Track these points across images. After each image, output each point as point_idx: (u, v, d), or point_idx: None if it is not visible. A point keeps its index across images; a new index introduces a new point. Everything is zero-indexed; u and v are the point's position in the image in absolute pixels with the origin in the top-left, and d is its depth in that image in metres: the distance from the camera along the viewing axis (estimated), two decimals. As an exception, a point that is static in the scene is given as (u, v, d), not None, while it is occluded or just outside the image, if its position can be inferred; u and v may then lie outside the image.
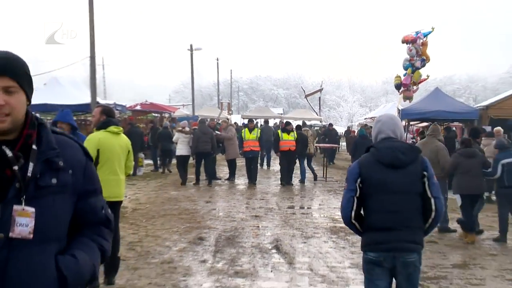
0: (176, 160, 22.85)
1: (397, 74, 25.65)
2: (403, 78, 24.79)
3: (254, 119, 25.54)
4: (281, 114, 64.76)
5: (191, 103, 55.30)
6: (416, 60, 24.24)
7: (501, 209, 12.07)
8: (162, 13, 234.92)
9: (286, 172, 21.83)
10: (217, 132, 24.59)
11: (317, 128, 46.99)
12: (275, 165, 26.57)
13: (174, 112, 42.17)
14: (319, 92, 66.98)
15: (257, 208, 16.15)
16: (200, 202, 17.18)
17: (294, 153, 21.70)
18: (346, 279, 8.79)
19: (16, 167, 2.48)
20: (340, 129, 58.45)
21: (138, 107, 37.18)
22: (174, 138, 22.46)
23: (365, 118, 49.91)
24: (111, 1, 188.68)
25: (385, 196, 5.10)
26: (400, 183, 5.10)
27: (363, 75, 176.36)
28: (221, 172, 24.45)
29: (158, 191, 19.70)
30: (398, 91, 26.11)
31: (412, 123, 25.70)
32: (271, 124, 38.81)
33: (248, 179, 22.29)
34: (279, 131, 22.36)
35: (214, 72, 77.04)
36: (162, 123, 31.07)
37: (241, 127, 36.09)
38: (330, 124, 41.13)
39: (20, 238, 2.45)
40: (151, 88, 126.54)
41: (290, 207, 16.47)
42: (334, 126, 43.66)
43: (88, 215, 2.77)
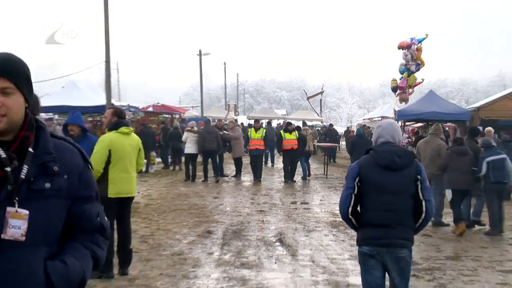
0: (185, 158, 22.88)
1: (393, 77, 25.67)
2: (399, 81, 24.80)
3: (260, 120, 25.49)
4: (285, 115, 64.89)
5: (200, 104, 55.38)
6: (412, 65, 24.27)
7: (490, 204, 12.10)
8: (173, 20, 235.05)
9: (289, 169, 21.85)
10: (224, 131, 24.63)
11: (318, 128, 46.89)
12: (279, 163, 26.55)
13: (184, 113, 42.20)
14: (320, 94, 66.82)
15: (262, 203, 16.15)
16: (208, 197, 17.19)
17: (296, 152, 21.69)
18: (345, 270, 8.78)
19: (8, 169, 2.37)
20: (340, 129, 58.23)
21: (150, 109, 37.12)
22: (183, 137, 22.44)
23: (363, 119, 49.82)
24: (125, 9, 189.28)
25: (381, 195, 5.22)
26: (395, 184, 5.23)
27: (361, 78, 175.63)
28: (228, 170, 24.44)
29: (169, 188, 19.72)
30: (395, 94, 26.13)
31: (407, 123, 25.67)
32: (274, 125, 38.92)
33: (253, 175, 22.31)
34: (282, 131, 22.38)
35: (221, 75, 77.37)
36: (172, 124, 31.05)
37: (247, 127, 36.12)
38: (331, 125, 41.27)
39: (12, 240, 2.34)
40: (163, 90, 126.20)
41: (293, 202, 16.47)
42: (334, 127, 43.67)
43: (82, 221, 2.62)
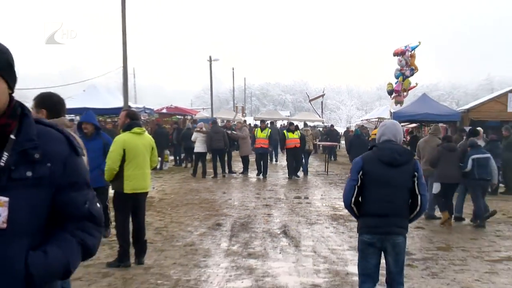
0: (194, 156, 22.95)
1: (389, 81, 25.70)
2: (394, 85, 24.86)
3: (265, 121, 25.46)
4: (288, 116, 64.88)
5: (210, 106, 55.28)
6: (406, 70, 24.30)
7: (475, 198, 12.20)
8: (186, 29, 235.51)
9: (293, 167, 21.82)
10: (233, 132, 24.69)
11: (319, 129, 46.88)
12: (283, 161, 26.53)
13: (195, 115, 42.20)
14: (322, 97, 66.84)
15: (267, 198, 16.13)
16: (217, 193, 17.18)
17: (299, 150, 21.69)
18: (345, 260, 8.76)
19: None
20: (340, 130, 58.15)
21: (164, 110, 37.11)
22: (193, 137, 22.42)
23: (361, 120, 49.67)
24: (141, 18, 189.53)
25: (381, 188, 5.39)
26: (395, 179, 5.40)
27: (359, 82, 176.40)
28: (236, 167, 24.42)
29: (181, 183, 19.72)
30: (390, 97, 26.17)
31: (402, 124, 25.55)
32: (278, 126, 39.06)
33: (257, 171, 22.29)
34: (285, 131, 22.38)
35: (230, 79, 77.13)
36: (185, 124, 31.09)
37: (253, 127, 36.14)
38: (332, 125, 41.82)
39: None
40: (176, 93, 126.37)
41: (296, 197, 16.43)
42: (335, 127, 43.85)
43: (69, 208, 2.38)
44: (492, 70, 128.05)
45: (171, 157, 27.66)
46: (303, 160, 23.05)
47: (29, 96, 5.13)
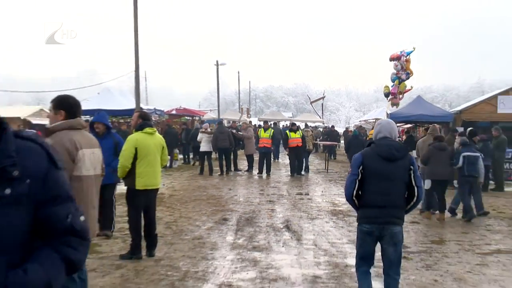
0: (200, 155, 22.95)
1: (386, 84, 25.63)
2: (391, 88, 24.81)
3: (268, 121, 25.46)
4: (291, 117, 64.75)
5: (217, 108, 55.28)
6: (402, 74, 24.26)
7: (462, 194, 12.34)
8: (194, 35, 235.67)
9: (295, 165, 21.80)
10: (238, 132, 24.74)
11: (320, 129, 46.89)
12: (286, 159, 26.53)
13: (203, 116, 42.16)
14: (322, 99, 66.59)
15: (271, 194, 16.13)
16: (224, 189, 17.19)
17: (301, 149, 21.69)
18: (344, 253, 8.76)
19: None
20: (339, 130, 57.99)
21: (174, 112, 37.11)
22: (198, 137, 22.43)
23: (359, 121, 49.56)
24: (152, 24, 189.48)
25: (380, 181, 5.48)
26: (392, 172, 5.50)
27: (358, 85, 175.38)
28: (241, 165, 24.42)
29: (190, 180, 19.74)
30: (387, 99, 26.08)
31: (398, 124, 25.54)
32: (280, 126, 39.13)
33: (258, 169, 22.14)
34: (287, 131, 22.37)
35: (236, 82, 77.22)
36: (193, 125, 31.12)
37: (257, 127, 36.17)
38: (333, 126, 42.38)
39: None
40: (184, 95, 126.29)
41: (298, 193, 16.42)
42: (335, 128, 43.93)
43: (51, 224, 2.19)
44: (483, 74, 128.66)
45: (180, 156, 27.71)
46: (305, 159, 23.01)
47: (47, 99, 5.15)
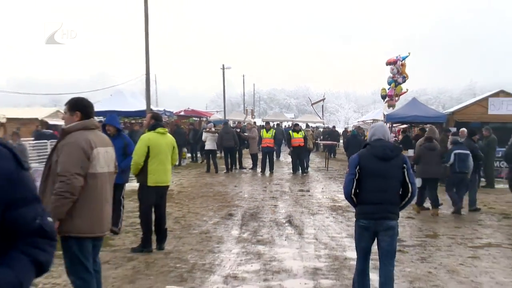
0: (205, 154, 23.02)
1: (383, 87, 25.62)
2: (388, 90, 24.81)
3: (270, 122, 25.43)
4: (293, 118, 64.68)
5: (223, 109, 55.34)
6: (398, 77, 24.29)
7: (449, 191, 12.48)
8: (202, 41, 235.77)
9: (297, 163, 21.79)
10: (244, 133, 24.89)
11: (320, 129, 46.90)
12: (287, 158, 26.53)
13: (210, 117, 42.19)
14: (322, 101, 66.44)
15: (274, 191, 16.12)
16: (229, 186, 17.19)
17: (303, 148, 21.67)
18: (343, 246, 8.76)
19: None
20: (339, 130, 57.98)
21: (182, 113, 37.10)
22: (203, 137, 22.60)
23: (358, 121, 49.43)
24: (163, 30, 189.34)
25: (376, 179, 5.56)
26: (387, 171, 5.57)
27: (356, 87, 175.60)
28: (246, 163, 24.43)
29: (197, 178, 19.74)
30: (384, 101, 26.06)
31: (394, 125, 25.52)
32: (282, 127, 39.26)
33: (260, 168, 22.05)
34: (290, 131, 22.35)
35: (241, 85, 77.05)
36: (200, 125, 31.16)
37: (260, 128, 36.23)
38: (334, 126, 43.14)
39: None
40: (192, 97, 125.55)
41: (300, 190, 16.41)
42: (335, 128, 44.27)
43: (19, 226, 2.08)
44: (474, 77, 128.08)
45: (189, 155, 27.73)
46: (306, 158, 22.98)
47: (63, 101, 5.16)
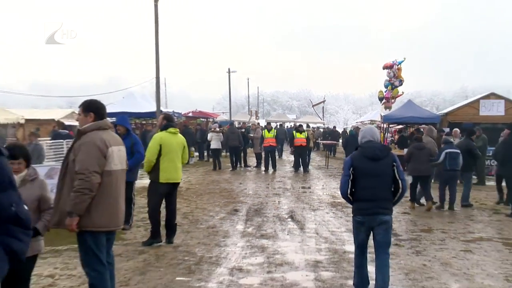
0: (211, 152, 23.29)
1: (380, 90, 25.67)
2: (385, 93, 24.83)
3: (272, 123, 25.46)
4: (295, 119, 64.52)
5: (229, 111, 55.44)
6: (395, 81, 24.35)
7: (440, 186, 12.65)
8: (209, 46, 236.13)
9: (298, 162, 21.77)
10: (250, 134, 25.10)
11: (321, 130, 46.94)
12: (290, 157, 26.52)
13: (216, 118, 42.28)
14: (323, 103, 66.64)
15: (277, 188, 16.12)
16: (235, 183, 17.20)
17: (305, 148, 21.69)
18: (342, 240, 8.76)
19: None
20: (339, 130, 58.00)
21: (190, 114, 37.20)
22: (208, 137, 22.97)
23: (356, 122, 49.40)
24: (172, 35, 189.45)
25: (368, 178, 5.73)
26: (378, 170, 5.74)
27: (355, 90, 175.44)
28: (250, 162, 24.43)
29: (204, 175, 19.76)
30: (381, 102, 26.09)
31: (391, 125, 25.51)
32: (285, 127, 39.47)
33: (264, 166, 21.96)
34: (294, 131, 22.37)
35: (245, 88, 76.97)
36: (207, 126, 31.20)
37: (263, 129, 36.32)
38: (334, 127, 44.14)
39: None
40: (200, 99, 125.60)
41: (301, 187, 16.41)
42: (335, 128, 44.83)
43: None
44: (466, 80, 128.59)
45: (196, 153, 27.77)
46: (307, 157, 22.96)
47: (77, 102, 5.18)
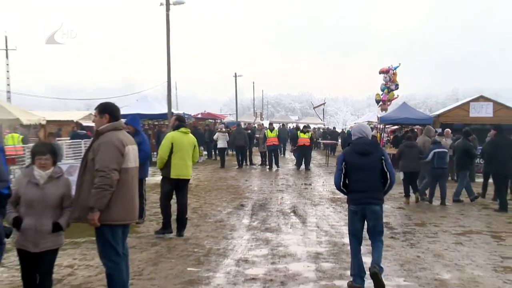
0: (218, 151, 23.50)
1: (377, 93, 25.65)
2: (381, 96, 24.85)
3: (273, 123, 25.44)
4: (297, 120, 64.48)
5: (235, 112, 55.53)
6: (390, 85, 24.42)
7: (430, 183, 12.73)
8: (217, 52, 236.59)
9: (300, 160, 21.76)
10: (255, 135, 25.26)
11: (321, 130, 46.92)
12: (291, 155, 26.51)
13: (224, 119, 42.35)
14: (323, 105, 66.44)
15: (280, 184, 16.11)
16: (241, 180, 17.19)
17: (307, 148, 21.70)
18: (342, 234, 8.73)
19: None
20: (339, 131, 57.97)
21: (199, 115, 37.32)
22: (215, 136, 23.37)
23: (354, 123, 49.35)
24: (183, 41, 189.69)
25: (360, 172, 5.89)
26: (368, 164, 5.88)
27: (353, 93, 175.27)
28: (255, 160, 24.42)
29: (212, 173, 19.76)
30: (378, 105, 26.07)
31: (387, 126, 25.48)
32: (287, 128, 39.53)
33: (268, 165, 21.87)
34: (298, 132, 22.41)
35: (251, 91, 77.29)
36: (215, 127, 31.25)
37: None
38: (334, 128, 45.08)
39: None
40: (208, 101, 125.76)
41: (303, 184, 16.39)
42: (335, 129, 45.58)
43: None
44: (457, 84, 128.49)
45: (205, 152, 27.81)
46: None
47: (94, 105, 5.20)
